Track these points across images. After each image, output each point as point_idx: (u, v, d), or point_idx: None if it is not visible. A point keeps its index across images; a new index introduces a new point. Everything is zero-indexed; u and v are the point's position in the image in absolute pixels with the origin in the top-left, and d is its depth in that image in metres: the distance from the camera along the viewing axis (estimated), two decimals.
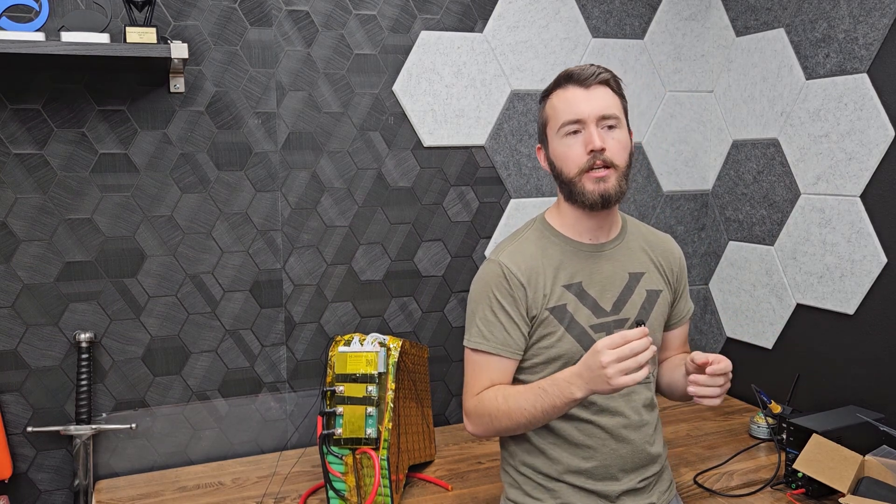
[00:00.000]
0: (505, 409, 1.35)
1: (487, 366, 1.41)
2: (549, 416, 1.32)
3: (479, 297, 1.43)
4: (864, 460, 1.59)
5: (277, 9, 1.90)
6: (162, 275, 1.88)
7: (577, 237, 1.45)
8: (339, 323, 2.06)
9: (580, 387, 1.26)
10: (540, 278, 1.41)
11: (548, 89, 1.44)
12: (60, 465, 1.83)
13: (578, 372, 1.27)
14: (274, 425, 2.03)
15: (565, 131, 1.37)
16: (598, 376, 1.22)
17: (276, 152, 1.95)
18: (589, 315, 1.41)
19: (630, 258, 1.48)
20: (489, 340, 1.40)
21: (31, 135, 1.75)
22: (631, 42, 2.28)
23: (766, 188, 2.20)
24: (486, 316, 1.41)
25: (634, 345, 1.21)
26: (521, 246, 1.45)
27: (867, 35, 1.86)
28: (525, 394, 1.34)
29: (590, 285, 1.43)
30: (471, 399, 1.42)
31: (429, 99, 2.07)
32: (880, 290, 1.87)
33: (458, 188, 2.13)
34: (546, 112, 1.43)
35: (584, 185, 1.36)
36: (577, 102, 1.36)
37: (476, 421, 1.41)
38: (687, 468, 1.84)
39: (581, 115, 1.35)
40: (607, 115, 1.36)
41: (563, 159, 1.38)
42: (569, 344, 1.40)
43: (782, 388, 2.15)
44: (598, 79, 1.38)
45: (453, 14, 2.07)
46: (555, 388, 1.30)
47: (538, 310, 1.40)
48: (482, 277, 1.44)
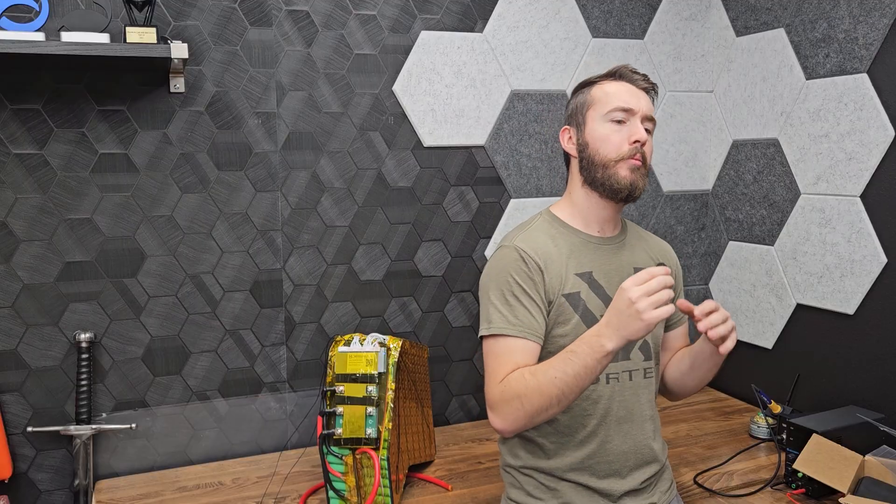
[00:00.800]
0: (534, 384, 1.27)
1: (512, 351, 1.35)
2: (581, 381, 1.25)
3: (496, 283, 1.39)
4: (864, 460, 1.59)
5: (277, 9, 1.90)
6: (162, 275, 1.88)
7: (586, 229, 1.46)
8: (339, 323, 2.06)
9: (610, 336, 1.22)
10: (554, 264, 1.40)
11: (591, 80, 1.47)
12: (60, 465, 1.83)
13: (607, 321, 1.23)
14: (274, 425, 2.03)
15: (613, 117, 1.40)
16: (629, 315, 1.19)
17: (276, 152, 1.95)
18: (600, 305, 1.41)
19: (633, 253, 1.50)
20: (513, 324, 1.35)
21: (31, 135, 1.75)
22: (631, 42, 2.28)
23: (766, 188, 2.20)
24: (507, 300, 1.37)
25: (661, 279, 1.20)
26: (532, 234, 1.44)
27: (867, 35, 1.86)
28: (553, 363, 1.27)
29: (600, 276, 1.43)
30: (495, 387, 1.33)
31: (429, 99, 2.07)
32: (880, 290, 1.87)
33: (458, 188, 2.13)
34: (592, 95, 1.44)
35: (619, 170, 1.39)
36: (631, 95, 1.42)
37: (504, 409, 1.30)
38: (687, 468, 1.84)
39: (633, 106, 1.40)
40: (651, 116, 1.42)
41: (604, 141, 1.40)
42: (583, 332, 1.36)
43: (782, 388, 2.15)
44: (648, 84, 1.45)
45: (453, 14, 2.07)
46: (584, 346, 1.24)
47: (554, 295, 1.39)
48: (498, 263, 1.41)
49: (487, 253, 2.19)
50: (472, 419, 2.24)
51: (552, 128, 2.21)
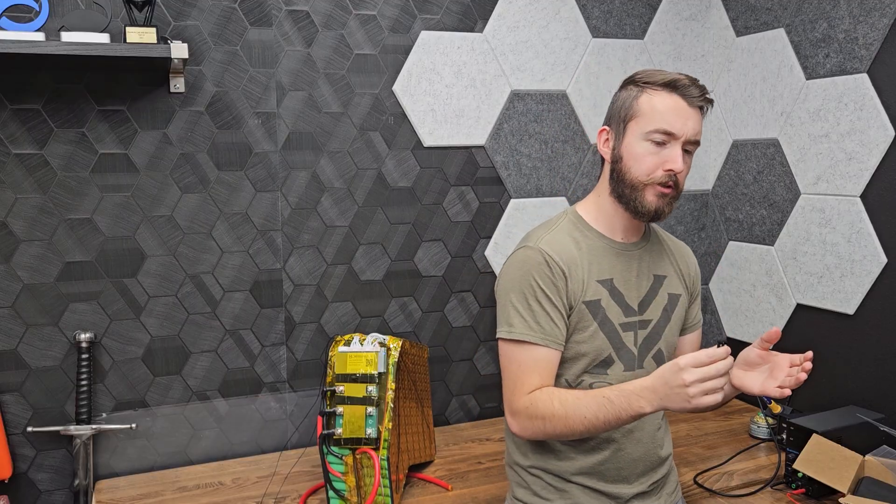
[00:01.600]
0: (562, 414, 1.28)
1: (534, 359, 1.34)
2: (609, 427, 1.27)
3: (518, 286, 1.36)
4: (864, 460, 1.59)
5: (277, 9, 1.90)
6: (162, 275, 1.88)
7: (610, 234, 1.43)
8: (339, 323, 2.06)
9: (651, 402, 1.21)
10: (578, 269, 1.38)
11: (647, 79, 1.35)
12: (60, 465, 1.83)
13: (652, 386, 1.21)
14: (274, 425, 2.03)
15: (653, 138, 1.32)
16: (677, 394, 1.17)
17: (276, 152, 1.95)
18: (619, 313, 1.40)
19: (655, 260, 1.47)
20: (535, 331, 1.34)
21: (31, 135, 1.75)
22: (631, 42, 2.28)
23: (766, 188, 2.20)
24: (530, 305, 1.34)
25: (720, 365, 1.16)
26: (557, 235, 1.40)
27: (867, 35, 1.86)
28: (586, 401, 1.27)
29: (620, 283, 1.41)
30: (521, 398, 1.33)
31: (429, 99, 2.07)
32: (880, 290, 1.87)
33: (458, 188, 2.13)
34: (638, 104, 1.35)
35: (646, 194, 1.34)
36: (678, 116, 1.32)
37: (526, 424, 1.33)
38: (687, 468, 1.84)
39: (677, 131, 1.32)
40: (696, 139, 1.35)
41: (638, 161, 1.34)
42: (599, 340, 1.38)
43: None
44: (703, 101, 1.35)
45: (453, 14, 2.07)
46: (622, 399, 1.24)
47: (576, 301, 1.37)
48: (520, 265, 1.37)
49: (488, 253, 2.19)
50: (472, 419, 2.24)
51: (552, 128, 2.21)
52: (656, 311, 1.44)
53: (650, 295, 1.44)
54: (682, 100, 1.33)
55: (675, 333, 1.48)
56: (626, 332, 1.40)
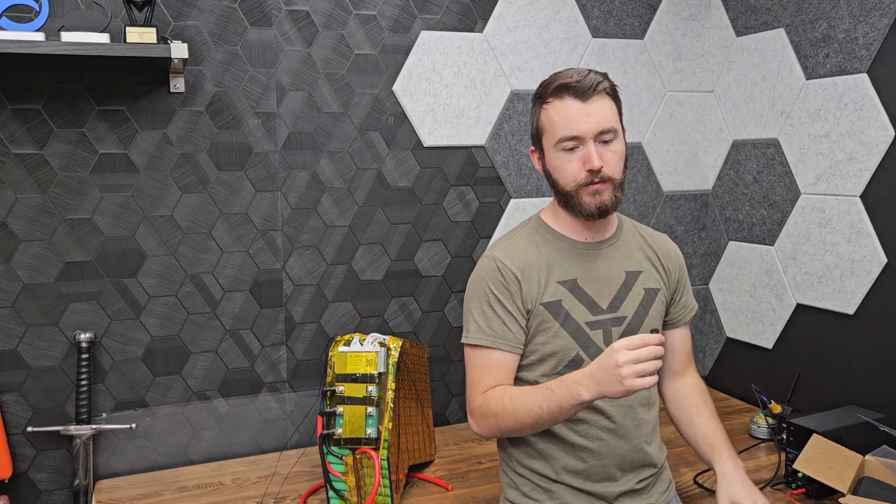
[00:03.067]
0: (511, 409, 1.33)
1: (489, 361, 1.39)
2: (555, 418, 1.30)
3: (475, 293, 1.42)
4: (864, 460, 1.59)
5: (277, 9, 1.90)
6: (162, 275, 1.88)
7: (573, 235, 1.44)
8: (339, 323, 2.06)
9: (589, 387, 1.24)
10: (534, 272, 1.40)
11: (541, 93, 1.38)
12: (60, 465, 1.83)
13: (590, 372, 1.25)
14: (274, 425, 2.03)
15: (562, 147, 1.35)
16: (611, 376, 1.20)
17: (276, 152, 1.95)
18: (585, 312, 1.40)
19: (626, 256, 1.47)
20: (488, 335, 1.39)
21: (31, 135, 1.75)
22: (631, 42, 2.28)
23: (766, 188, 2.20)
24: (484, 311, 1.40)
25: (652, 349, 1.20)
26: (514, 242, 1.45)
27: (867, 35, 1.86)
28: (532, 394, 1.32)
29: (585, 282, 1.42)
30: (476, 398, 1.39)
31: (429, 99, 2.07)
32: (880, 290, 1.87)
33: (458, 188, 2.13)
34: (542, 121, 1.39)
35: (581, 197, 1.36)
36: (576, 118, 1.32)
37: (481, 421, 1.39)
38: (687, 468, 1.84)
39: (579, 132, 1.32)
40: (606, 129, 1.33)
41: (560, 172, 1.37)
42: (564, 340, 1.39)
43: (782, 388, 2.15)
44: (598, 90, 1.33)
45: (453, 14, 2.07)
46: (563, 388, 1.27)
47: (532, 304, 1.39)
48: (477, 274, 1.43)
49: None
50: None
51: None
52: (630, 307, 1.43)
53: (622, 292, 1.44)
54: (574, 100, 1.33)
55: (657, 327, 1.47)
56: (593, 330, 1.40)
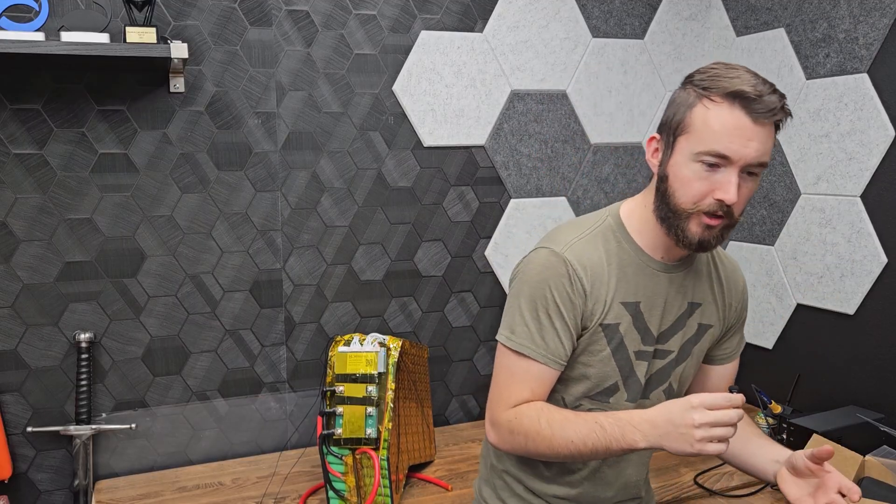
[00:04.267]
0: (548, 434, 1.17)
1: (529, 374, 1.23)
2: (596, 456, 1.16)
3: (531, 291, 1.22)
4: (865, 460, 1.59)
5: (277, 9, 1.90)
6: (162, 275, 1.88)
7: (650, 250, 1.26)
8: (339, 323, 2.06)
9: (648, 436, 1.10)
10: (602, 287, 1.23)
11: (709, 84, 1.13)
12: (60, 466, 1.83)
13: (652, 420, 1.10)
14: (274, 425, 2.03)
15: (703, 160, 1.12)
16: (681, 434, 1.07)
17: (276, 152, 1.95)
18: (637, 340, 1.26)
19: (694, 285, 1.31)
20: (538, 346, 1.22)
21: (31, 135, 1.74)
22: (631, 42, 2.28)
23: (766, 188, 2.20)
24: (539, 316, 1.21)
25: (733, 413, 1.06)
26: (587, 244, 1.24)
27: (867, 35, 1.86)
28: (575, 425, 1.16)
29: (647, 308, 1.26)
30: (505, 411, 1.23)
31: (429, 99, 2.07)
32: (880, 290, 1.87)
33: (458, 188, 2.13)
34: (692, 116, 1.14)
35: (690, 224, 1.16)
36: (737, 138, 1.10)
37: (506, 437, 1.23)
38: (687, 468, 1.84)
39: (733, 155, 1.11)
40: (761, 162, 1.13)
41: (684, 185, 1.15)
42: (610, 368, 1.26)
43: (782, 388, 2.15)
44: (775, 117, 1.13)
45: (453, 14, 2.07)
46: (616, 428, 1.13)
47: (592, 322, 1.23)
48: (540, 269, 1.22)
49: (488, 253, 2.18)
50: (472, 419, 2.23)
51: (552, 128, 2.21)
52: (678, 342, 1.30)
53: (677, 325, 1.30)
54: (745, 116, 1.10)
55: (693, 367, 1.35)
56: (639, 360, 1.27)
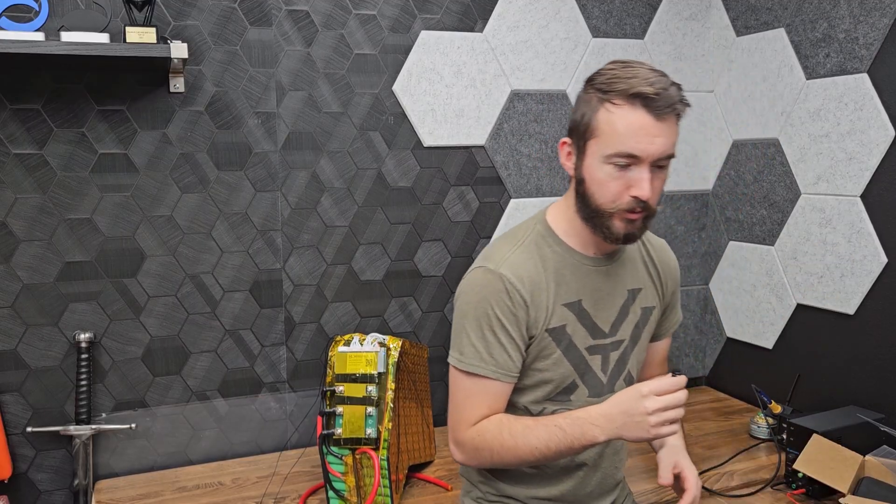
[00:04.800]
0: (511, 445, 1.22)
1: (484, 391, 1.27)
2: (561, 456, 1.22)
3: (475, 312, 1.26)
4: (865, 460, 1.59)
5: (277, 9, 1.90)
6: (162, 275, 1.88)
7: (582, 249, 1.31)
8: (339, 323, 2.06)
9: (606, 430, 1.15)
10: (542, 295, 1.27)
11: (607, 87, 1.17)
12: (60, 466, 1.83)
13: (608, 414, 1.16)
14: (274, 425, 2.03)
15: (614, 161, 1.17)
16: (637, 423, 1.12)
17: (276, 152, 1.95)
18: (586, 336, 1.31)
19: (629, 272, 1.37)
20: (488, 364, 1.25)
21: (31, 135, 1.74)
22: (631, 42, 2.28)
23: (766, 188, 2.20)
24: (485, 335, 1.25)
25: (681, 394, 1.13)
26: (521, 256, 1.28)
27: (867, 35, 1.86)
28: (536, 431, 1.21)
29: (589, 303, 1.31)
30: (466, 430, 1.28)
31: (429, 99, 2.07)
32: (880, 290, 1.87)
33: (458, 188, 2.13)
34: (598, 120, 1.18)
35: (613, 221, 1.21)
36: (642, 137, 1.15)
37: (472, 455, 1.28)
38: None
39: (641, 153, 1.16)
40: (668, 155, 1.18)
41: (601, 187, 1.20)
42: (564, 368, 1.30)
43: (782, 388, 2.15)
44: (675, 111, 1.17)
45: (453, 14, 2.07)
46: (575, 428, 1.18)
47: (538, 330, 1.28)
48: (479, 289, 1.27)
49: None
50: None
51: (552, 128, 2.21)
52: (627, 329, 1.35)
53: (623, 313, 1.35)
54: (648, 115, 1.15)
55: (644, 350, 1.41)
56: (592, 355, 1.32)
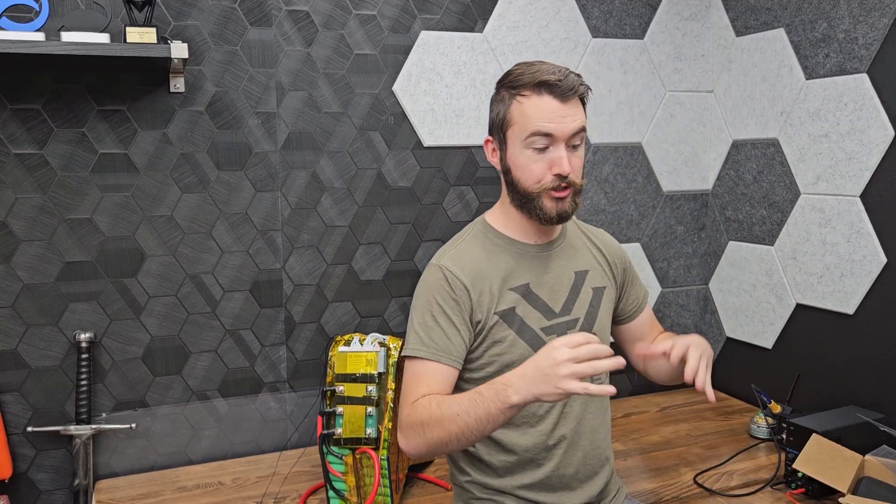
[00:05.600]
0: (437, 415, 1.20)
1: (425, 374, 1.29)
2: (483, 426, 1.17)
3: (420, 305, 1.34)
4: (864, 460, 1.59)
5: (277, 9, 1.90)
6: (162, 275, 1.88)
7: (523, 238, 1.39)
8: (339, 323, 2.06)
9: (519, 389, 1.12)
10: (486, 282, 1.34)
11: (515, 83, 1.30)
12: (60, 465, 1.83)
13: (522, 372, 1.14)
14: (274, 425, 2.03)
15: (532, 144, 1.28)
16: (547, 375, 1.09)
17: (276, 152, 1.95)
18: (539, 317, 1.36)
19: (574, 256, 1.43)
20: (427, 346, 1.30)
21: (31, 135, 1.75)
22: (631, 42, 2.28)
23: (766, 188, 2.20)
24: (426, 321, 1.31)
25: (594, 347, 1.09)
26: (464, 249, 1.38)
27: (867, 35, 1.86)
28: (459, 399, 1.20)
29: (538, 287, 1.37)
30: (405, 408, 1.28)
31: (429, 99, 2.07)
32: (880, 290, 1.87)
33: (458, 188, 2.13)
34: (511, 112, 1.31)
35: (543, 202, 1.30)
36: (552, 118, 1.27)
37: (408, 433, 1.26)
38: (687, 468, 1.84)
39: (555, 132, 1.27)
40: (578, 132, 1.29)
41: (524, 171, 1.31)
42: (521, 349, 1.33)
43: (782, 388, 2.16)
44: (578, 93, 1.29)
45: (453, 14, 2.07)
46: (491, 391, 1.15)
47: (484, 314, 1.33)
48: (423, 284, 1.36)
49: None
50: None
51: None
52: (581, 308, 1.40)
53: (573, 293, 1.40)
54: (554, 99, 1.27)
55: (605, 328, 1.44)
56: (549, 335, 1.35)
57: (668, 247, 2.41)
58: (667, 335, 1.53)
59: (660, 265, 2.41)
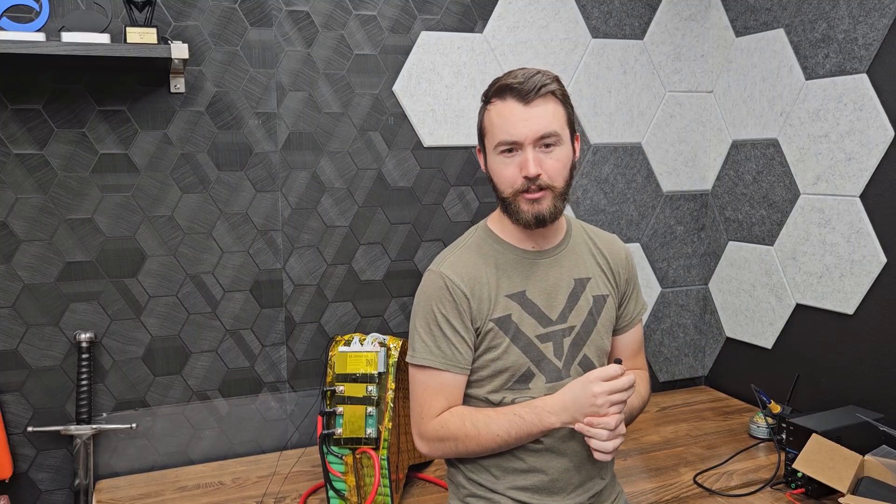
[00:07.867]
0: (474, 434, 1.30)
1: (440, 384, 1.34)
2: (521, 442, 1.31)
3: (422, 311, 1.36)
4: (864, 460, 1.59)
5: (277, 9, 1.91)
6: (162, 275, 1.88)
7: (520, 243, 1.39)
8: (339, 323, 2.06)
9: (559, 417, 1.27)
10: (483, 288, 1.35)
11: (487, 91, 1.34)
12: (61, 465, 1.83)
13: (562, 402, 1.27)
14: (274, 425, 2.03)
15: (500, 150, 1.30)
16: (587, 406, 1.25)
17: (276, 152, 1.95)
18: (535, 324, 1.36)
19: (576, 263, 1.42)
20: (437, 356, 1.33)
21: (32, 135, 1.75)
22: (631, 42, 2.28)
23: (765, 188, 2.20)
24: (431, 330, 1.34)
25: (625, 380, 1.24)
26: (462, 255, 1.39)
27: (867, 35, 1.86)
28: (498, 419, 1.30)
29: (534, 293, 1.37)
30: (429, 422, 1.34)
31: (429, 99, 2.07)
32: (880, 290, 1.87)
33: (458, 188, 2.14)
34: (484, 121, 1.34)
35: (519, 205, 1.31)
36: (515, 122, 1.27)
37: (436, 445, 1.34)
38: (687, 468, 1.84)
39: (517, 137, 1.27)
40: (546, 134, 1.28)
41: (498, 177, 1.33)
42: (515, 356, 1.34)
43: (782, 388, 2.16)
44: (541, 93, 1.28)
45: (453, 14, 2.07)
46: (533, 416, 1.28)
47: (482, 321, 1.35)
48: (423, 290, 1.37)
49: None
50: None
51: None
52: (579, 316, 1.39)
53: (571, 301, 1.39)
54: (517, 103, 1.28)
55: (604, 337, 1.43)
56: (544, 343, 1.36)
57: (667, 247, 2.41)
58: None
59: (660, 265, 2.41)
